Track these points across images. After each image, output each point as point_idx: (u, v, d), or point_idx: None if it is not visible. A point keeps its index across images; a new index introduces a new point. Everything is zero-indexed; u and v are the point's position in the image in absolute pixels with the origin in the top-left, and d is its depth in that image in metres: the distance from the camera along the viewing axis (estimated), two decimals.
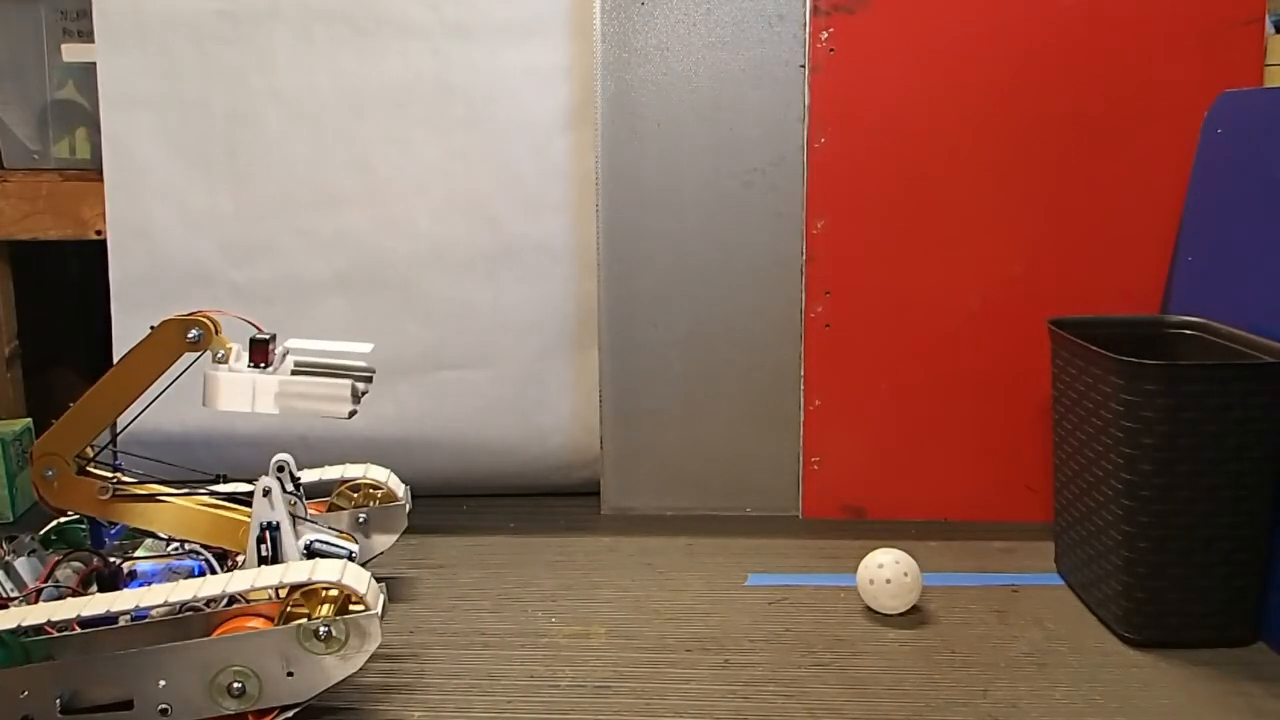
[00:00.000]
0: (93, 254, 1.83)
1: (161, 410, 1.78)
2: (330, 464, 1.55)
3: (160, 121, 1.77)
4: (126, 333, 1.79)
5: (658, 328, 1.77)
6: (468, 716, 1.21)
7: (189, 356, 1.30)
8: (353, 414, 1.29)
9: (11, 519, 1.80)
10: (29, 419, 1.90)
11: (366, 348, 1.33)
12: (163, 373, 1.30)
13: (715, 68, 1.72)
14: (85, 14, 1.79)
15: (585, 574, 1.58)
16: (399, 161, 1.77)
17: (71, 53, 1.84)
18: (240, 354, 1.30)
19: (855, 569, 1.46)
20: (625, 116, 1.73)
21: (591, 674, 1.29)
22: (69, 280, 2.20)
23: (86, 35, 1.80)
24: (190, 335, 1.27)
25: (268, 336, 1.28)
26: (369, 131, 1.77)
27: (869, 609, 1.44)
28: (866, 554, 1.45)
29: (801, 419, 1.75)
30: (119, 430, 1.80)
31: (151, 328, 1.29)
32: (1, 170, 1.86)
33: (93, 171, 1.82)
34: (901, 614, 1.43)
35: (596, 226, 1.76)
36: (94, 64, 1.76)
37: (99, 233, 1.82)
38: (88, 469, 1.31)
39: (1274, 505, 1.31)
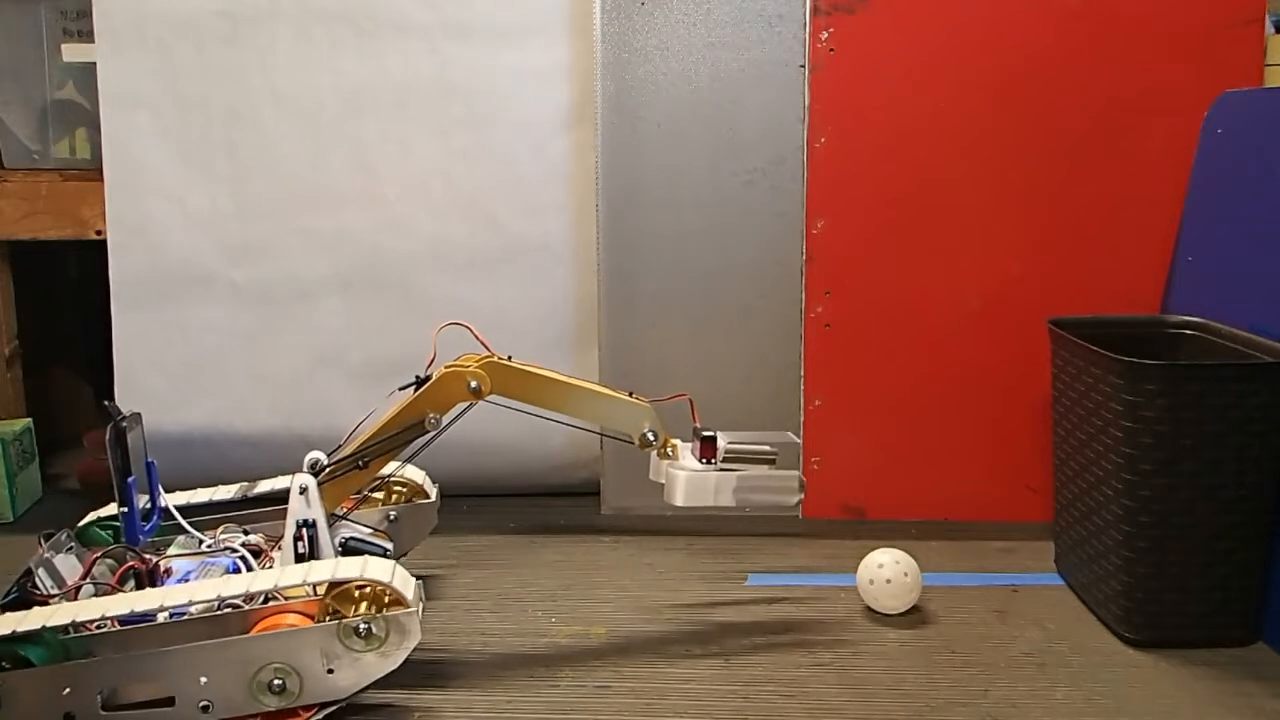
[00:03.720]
0: (93, 254, 1.83)
1: (162, 410, 1.79)
2: None
3: (160, 121, 1.77)
4: (126, 333, 1.79)
5: (658, 328, 1.77)
6: (468, 716, 1.21)
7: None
8: (799, 503, 1.39)
9: (11, 519, 1.80)
10: (29, 419, 1.90)
11: (785, 436, 1.42)
12: (597, 420, 1.40)
13: (715, 68, 1.72)
14: (85, 14, 1.79)
15: (585, 574, 1.58)
16: (399, 161, 1.77)
17: (71, 53, 1.84)
18: (684, 450, 1.40)
19: (855, 569, 1.46)
20: (625, 116, 1.73)
21: (591, 674, 1.29)
22: (69, 280, 2.20)
23: (86, 35, 1.80)
24: (647, 433, 1.37)
25: (713, 434, 1.37)
26: (369, 131, 1.77)
27: (869, 609, 1.44)
28: (866, 554, 1.45)
29: (801, 419, 1.75)
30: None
31: (631, 393, 1.39)
32: (1, 170, 1.86)
33: (93, 171, 1.82)
34: (901, 614, 1.43)
35: (596, 226, 1.76)
36: (94, 64, 1.76)
37: (99, 233, 1.81)
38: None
39: (1274, 505, 1.31)
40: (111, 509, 1.37)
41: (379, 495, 1.51)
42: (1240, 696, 1.23)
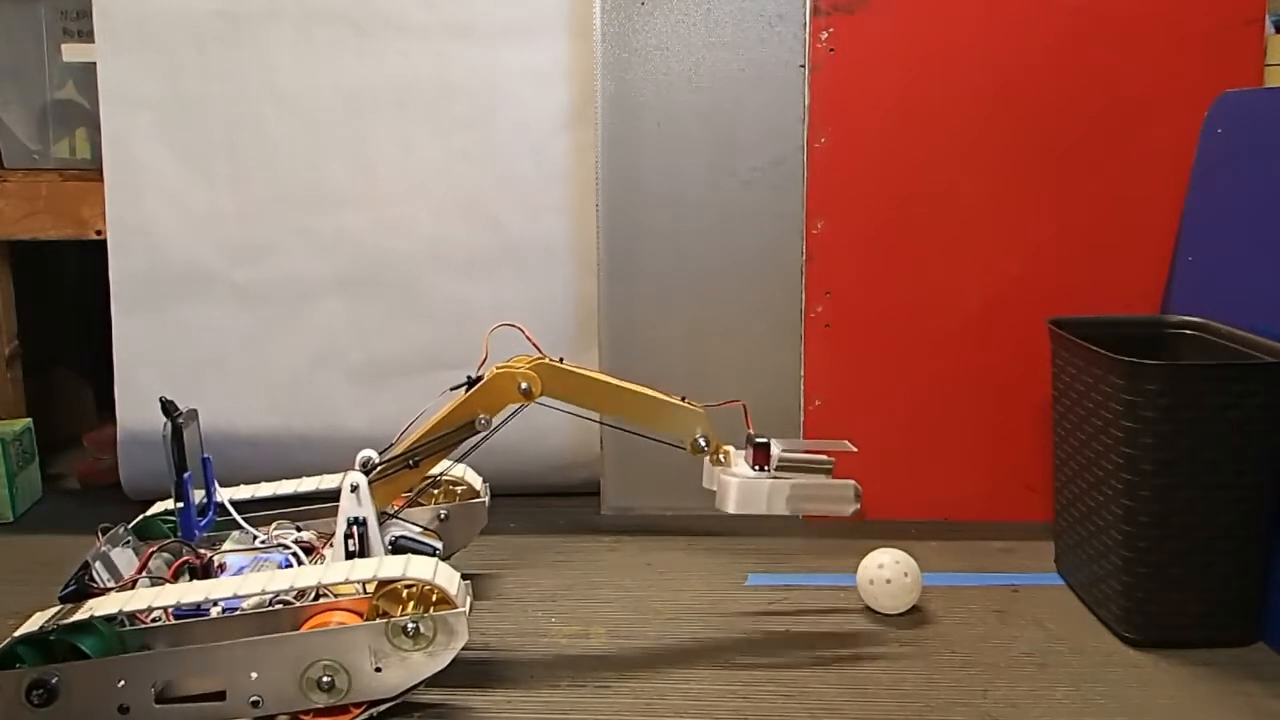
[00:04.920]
0: (93, 254, 1.83)
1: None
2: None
3: (160, 121, 1.77)
4: (126, 333, 1.79)
5: (657, 328, 1.77)
6: (468, 716, 1.21)
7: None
8: (855, 512, 1.37)
9: (11, 519, 1.80)
10: (29, 419, 1.90)
11: (842, 445, 1.40)
12: (648, 425, 1.38)
13: (715, 68, 1.72)
14: (85, 14, 1.79)
15: (585, 574, 1.58)
16: (399, 161, 1.77)
17: (71, 53, 1.84)
18: (737, 456, 1.38)
19: (855, 569, 1.46)
20: (625, 116, 1.73)
21: (591, 674, 1.29)
22: (69, 280, 2.20)
23: (86, 35, 1.79)
24: (699, 438, 1.35)
25: (767, 441, 1.35)
26: (369, 131, 1.77)
27: (869, 609, 1.44)
28: (866, 554, 1.45)
29: (801, 419, 1.75)
30: (121, 434, 1.80)
31: (683, 398, 1.38)
32: (1, 170, 1.87)
33: (93, 171, 1.82)
34: (901, 614, 1.43)
35: (596, 226, 1.76)
36: (94, 64, 1.76)
37: (99, 233, 1.82)
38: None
39: (1274, 505, 1.31)
40: (169, 504, 1.39)
41: (435, 493, 1.52)
42: (1240, 696, 1.23)
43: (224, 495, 1.41)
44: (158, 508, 1.42)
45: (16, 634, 1.11)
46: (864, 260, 1.72)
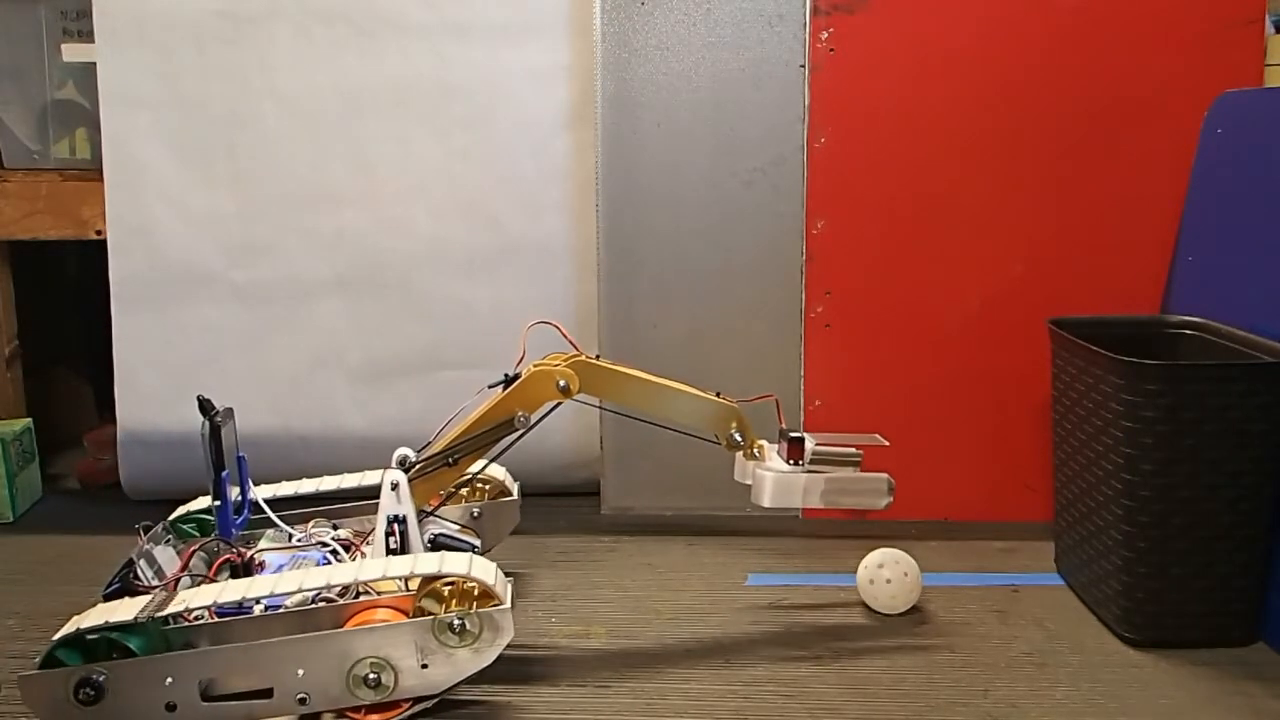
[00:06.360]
0: (93, 254, 1.83)
1: (162, 410, 1.79)
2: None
3: (160, 121, 1.77)
4: (126, 333, 1.79)
5: (658, 328, 1.77)
6: (467, 715, 1.21)
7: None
8: (888, 505, 1.39)
9: (11, 519, 1.80)
10: (29, 419, 1.90)
11: (874, 439, 1.42)
12: (684, 420, 1.38)
13: (715, 68, 1.72)
14: (85, 14, 1.79)
15: (585, 574, 1.58)
16: (399, 161, 1.77)
17: (71, 53, 1.84)
18: (771, 450, 1.40)
19: (855, 569, 1.46)
20: (625, 116, 1.73)
21: (591, 674, 1.29)
22: (69, 280, 2.20)
23: (86, 35, 1.80)
24: (734, 433, 1.37)
25: (801, 435, 1.37)
26: (369, 131, 1.77)
27: (869, 609, 1.44)
28: (866, 554, 1.45)
29: (801, 419, 1.75)
30: (121, 432, 1.80)
31: (718, 393, 1.39)
32: (1, 170, 1.86)
33: (93, 171, 1.82)
34: (901, 614, 1.43)
35: (596, 226, 1.76)
36: (94, 64, 1.76)
37: (99, 233, 1.82)
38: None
39: (1274, 505, 1.31)
40: (200, 503, 1.39)
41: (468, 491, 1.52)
42: (1240, 696, 1.23)
43: (257, 494, 1.41)
44: (180, 511, 1.42)
45: (103, 622, 1.10)
46: (864, 260, 1.72)
